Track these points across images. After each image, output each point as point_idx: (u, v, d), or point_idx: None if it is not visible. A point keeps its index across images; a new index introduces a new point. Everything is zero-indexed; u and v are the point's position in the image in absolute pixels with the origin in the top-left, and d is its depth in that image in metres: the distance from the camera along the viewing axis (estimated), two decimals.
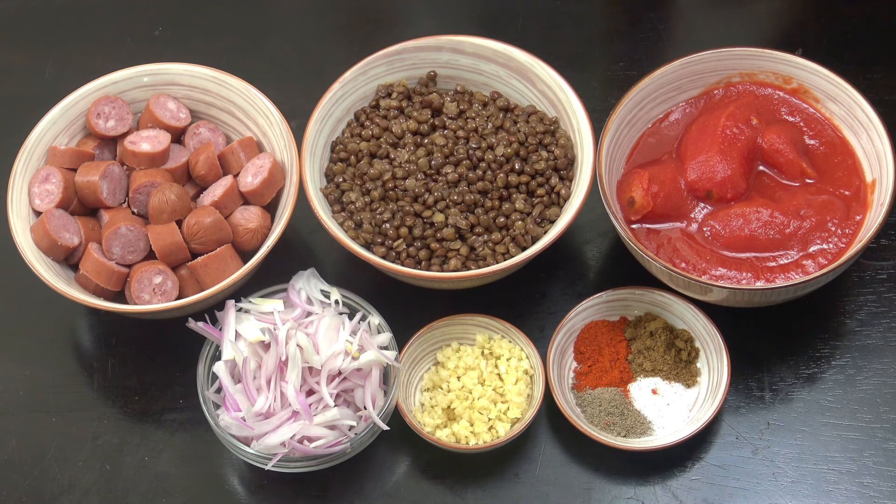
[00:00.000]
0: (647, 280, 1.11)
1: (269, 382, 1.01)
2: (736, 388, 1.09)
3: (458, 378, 1.08)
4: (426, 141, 1.16)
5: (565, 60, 1.20)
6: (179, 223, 1.11)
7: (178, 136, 1.19)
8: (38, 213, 1.13)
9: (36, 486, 1.08)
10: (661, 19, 1.35)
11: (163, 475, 1.08)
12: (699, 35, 1.35)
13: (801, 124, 1.16)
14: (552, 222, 1.11)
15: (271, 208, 1.15)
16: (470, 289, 1.13)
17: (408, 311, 1.12)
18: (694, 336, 1.10)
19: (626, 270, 1.13)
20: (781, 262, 1.08)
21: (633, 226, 1.11)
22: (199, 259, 1.09)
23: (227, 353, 1.02)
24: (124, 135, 1.17)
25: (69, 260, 1.13)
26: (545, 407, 1.08)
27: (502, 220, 1.10)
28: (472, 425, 1.05)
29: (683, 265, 1.08)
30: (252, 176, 1.13)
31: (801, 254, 1.08)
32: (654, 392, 1.08)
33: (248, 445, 1.01)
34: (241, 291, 1.09)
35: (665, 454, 1.05)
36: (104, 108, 1.17)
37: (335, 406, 1.02)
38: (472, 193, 1.10)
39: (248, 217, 1.12)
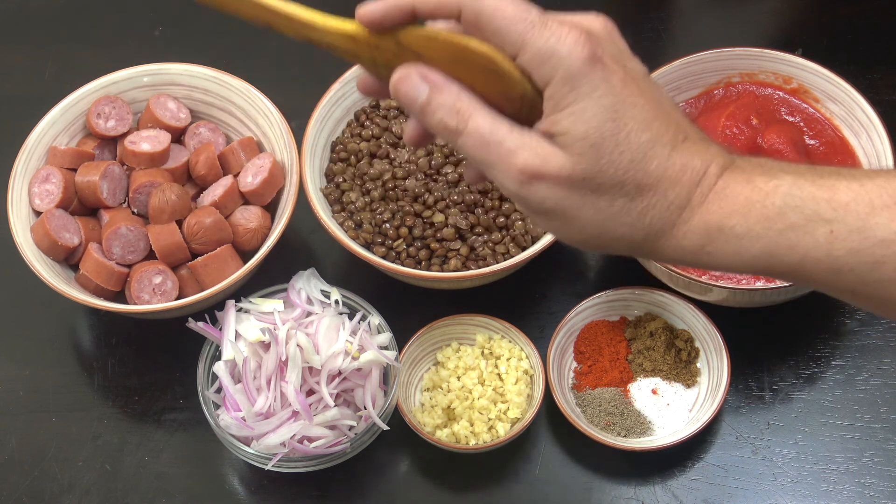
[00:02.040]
0: (647, 280, 1.11)
1: (269, 382, 1.01)
2: (736, 388, 1.09)
3: (458, 378, 1.08)
4: None
5: None
6: (179, 223, 1.11)
7: (178, 136, 1.19)
8: (38, 213, 1.13)
9: (36, 486, 1.08)
10: (661, 19, 1.35)
11: (163, 475, 1.08)
12: (699, 35, 1.35)
13: (801, 124, 1.16)
14: None
15: (271, 208, 1.15)
16: (470, 289, 1.13)
17: (408, 311, 1.12)
18: (694, 336, 1.10)
19: (626, 270, 1.13)
20: None
21: None
22: (199, 259, 1.10)
23: (227, 353, 1.02)
24: (124, 135, 1.17)
25: (69, 260, 1.13)
26: (545, 407, 1.08)
27: (502, 219, 1.10)
28: (472, 425, 1.05)
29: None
30: (252, 176, 1.13)
31: None
32: (654, 392, 1.08)
33: (248, 445, 1.01)
34: (241, 291, 1.09)
35: (665, 454, 1.05)
36: (104, 108, 1.17)
37: (335, 406, 1.02)
38: (473, 193, 1.10)
39: (248, 217, 1.12)
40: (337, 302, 1.07)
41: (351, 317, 1.07)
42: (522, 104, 0.68)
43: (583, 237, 0.69)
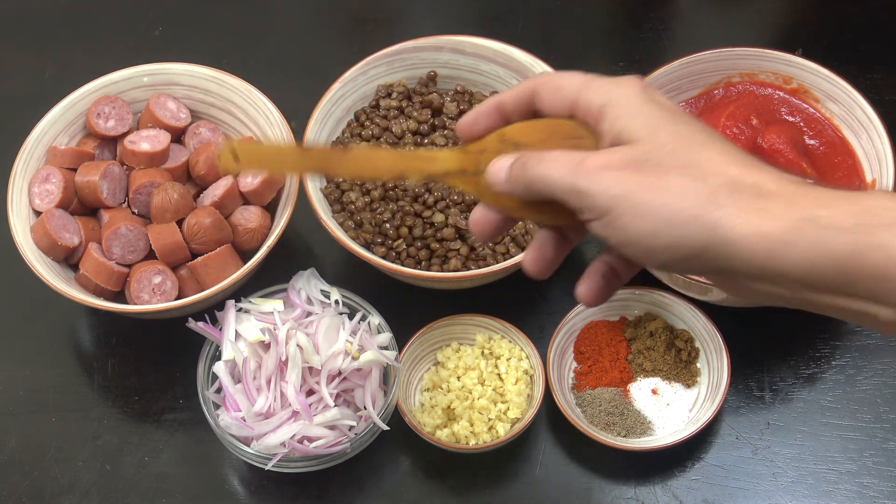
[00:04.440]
0: (647, 280, 1.11)
1: (269, 382, 1.01)
2: (736, 388, 1.09)
3: (458, 378, 1.08)
4: (426, 141, 1.16)
5: (565, 60, 1.20)
6: (179, 223, 1.11)
7: (178, 136, 1.19)
8: (38, 213, 1.13)
9: (36, 486, 1.08)
10: (661, 19, 1.35)
11: (163, 475, 1.08)
12: (699, 35, 1.35)
13: (801, 124, 1.16)
14: None
15: (271, 208, 1.15)
16: (470, 289, 1.13)
17: (408, 311, 1.11)
18: (694, 336, 1.10)
19: None
20: None
21: None
22: (199, 259, 1.10)
23: (227, 353, 1.02)
24: (124, 135, 1.17)
25: (69, 260, 1.13)
26: (545, 407, 1.08)
27: None
28: (472, 425, 1.05)
29: None
30: (252, 176, 1.13)
31: None
32: (654, 392, 1.08)
33: (248, 445, 1.01)
34: (241, 291, 1.09)
35: (665, 454, 1.05)
36: (104, 108, 1.17)
37: (335, 406, 1.02)
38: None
39: (248, 217, 1.12)
40: (337, 302, 1.07)
41: (351, 317, 1.07)
42: None
43: (649, 227, 0.65)
